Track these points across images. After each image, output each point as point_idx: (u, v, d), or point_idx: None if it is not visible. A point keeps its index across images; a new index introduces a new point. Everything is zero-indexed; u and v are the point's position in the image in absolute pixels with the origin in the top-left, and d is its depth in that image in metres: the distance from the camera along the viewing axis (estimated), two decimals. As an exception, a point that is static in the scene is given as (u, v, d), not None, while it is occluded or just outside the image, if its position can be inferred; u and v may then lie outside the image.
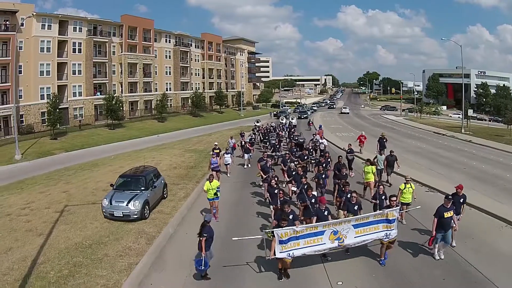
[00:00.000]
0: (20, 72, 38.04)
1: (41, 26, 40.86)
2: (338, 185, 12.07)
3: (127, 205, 12.04)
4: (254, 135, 29.85)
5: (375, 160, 15.67)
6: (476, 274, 8.47)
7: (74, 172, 21.84)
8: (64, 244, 10.29)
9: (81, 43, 45.69)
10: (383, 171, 16.18)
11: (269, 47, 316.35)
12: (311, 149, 19.57)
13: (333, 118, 59.78)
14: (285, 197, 10.65)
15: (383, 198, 10.36)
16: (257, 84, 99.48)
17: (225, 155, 19.03)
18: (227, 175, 18.76)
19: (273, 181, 11.97)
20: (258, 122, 35.95)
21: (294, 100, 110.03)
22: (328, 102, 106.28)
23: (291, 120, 39.72)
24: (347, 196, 10.11)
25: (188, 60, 65.44)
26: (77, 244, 10.29)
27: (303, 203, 10.74)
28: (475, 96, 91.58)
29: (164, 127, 49.80)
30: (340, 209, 10.47)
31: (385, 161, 16.06)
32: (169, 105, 58.35)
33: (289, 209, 8.99)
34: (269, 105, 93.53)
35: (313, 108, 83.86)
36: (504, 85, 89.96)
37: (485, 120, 69.41)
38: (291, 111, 74.87)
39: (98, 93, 47.74)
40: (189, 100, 63.70)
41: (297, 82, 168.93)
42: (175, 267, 9.27)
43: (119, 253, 9.77)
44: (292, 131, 30.13)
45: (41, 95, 40.49)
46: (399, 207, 9.47)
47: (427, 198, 13.85)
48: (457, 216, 9.40)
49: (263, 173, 14.63)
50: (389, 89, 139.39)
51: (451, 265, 8.92)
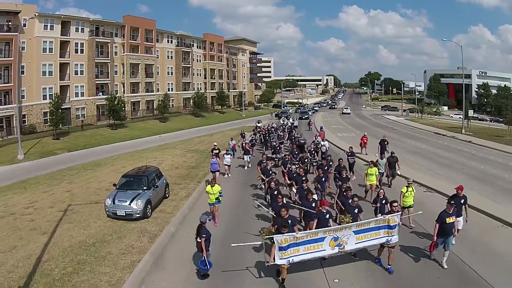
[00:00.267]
0: (22, 73, 38.12)
1: (44, 26, 40.88)
2: (340, 189, 11.88)
3: (129, 204, 12.25)
4: (255, 135, 29.88)
5: (377, 163, 15.51)
6: (471, 273, 8.60)
7: (77, 172, 21.97)
8: (68, 242, 10.49)
9: (83, 43, 45.77)
10: (384, 173, 15.98)
11: (271, 47, 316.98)
12: (312, 151, 19.43)
13: (334, 119, 59.78)
14: (283, 200, 10.37)
15: (384, 202, 10.31)
16: (259, 84, 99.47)
17: (225, 155, 18.97)
18: (227, 175, 18.83)
19: (272, 183, 11.85)
20: (259, 122, 35.71)
21: (295, 100, 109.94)
22: (330, 102, 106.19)
23: (292, 121, 39.27)
24: (349, 202, 10.00)
25: (190, 61, 65.53)
26: (80, 242, 10.48)
27: (303, 208, 10.49)
28: (476, 96, 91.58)
29: (166, 127, 49.86)
30: (341, 214, 10.30)
31: (387, 162, 15.99)
32: (171, 106, 58.29)
33: (288, 214, 8.84)
34: (270, 105, 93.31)
35: (314, 108, 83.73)
36: (505, 85, 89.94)
37: (486, 120, 69.25)
38: (293, 111, 74.77)
39: (100, 94, 47.86)
40: (191, 100, 63.81)
41: (299, 82, 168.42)
42: (177, 265, 9.49)
43: (122, 251, 9.98)
44: (293, 132, 29.72)
45: (43, 95, 40.54)
46: (400, 212, 9.26)
47: (425, 199, 14.03)
48: (459, 219, 9.16)
49: (263, 175, 14.53)
50: (390, 89, 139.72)
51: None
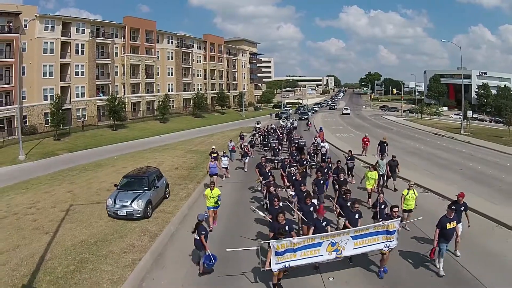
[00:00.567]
0: (23, 73, 38.27)
1: (44, 27, 41.04)
2: (338, 192, 11.78)
3: (130, 204, 12.45)
4: (254, 136, 29.92)
5: (376, 165, 15.47)
6: (464, 273, 8.74)
7: (78, 173, 22.12)
8: (71, 241, 10.70)
9: (84, 44, 45.97)
10: (385, 176, 15.81)
11: (271, 47, 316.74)
12: (312, 153, 19.28)
13: (334, 119, 59.88)
14: (280, 204, 10.22)
15: (383, 206, 10.25)
16: (259, 84, 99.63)
17: (222, 158, 18.76)
18: (225, 177, 18.71)
19: (271, 187, 11.78)
20: (258, 124, 35.69)
21: (295, 101, 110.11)
22: (329, 102, 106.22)
23: (291, 122, 39.07)
24: (348, 205, 9.89)
25: (190, 61, 65.73)
26: (83, 241, 10.69)
27: (302, 212, 10.38)
28: (476, 96, 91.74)
29: (166, 127, 50.03)
30: (340, 216, 10.19)
31: (387, 166, 15.72)
32: (171, 106, 58.48)
33: (285, 220, 8.70)
34: (270, 106, 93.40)
35: (314, 109, 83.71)
36: (505, 85, 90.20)
37: (485, 120, 69.36)
38: (292, 111, 74.89)
39: (101, 94, 48.04)
40: (191, 101, 64.00)
41: (299, 83, 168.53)
42: (176, 263, 9.73)
43: (123, 250, 10.20)
44: (292, 133, 29.58)
45: (44, 96, 40.70)
46: (400, 218, 9.07)
47: (421, 199, 14.10)
48: (459, 225, 9.12)
49: (261, 178, 14.48)
50: (390, 89, 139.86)
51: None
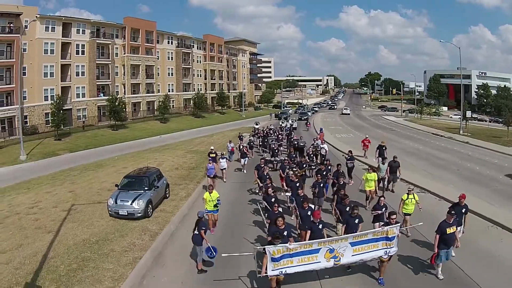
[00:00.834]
0: (24, 74, 38.37)
1: (45, 28, 41.17)
2: (337, 196, 11.65)
3: (131, 204, 12.64)
4: (253, 137, 29.95)
5: (377, 169, 15.39)
6: (459, 273, 8.88)
7: (79, 173, 22.28)
8: (73, 240, 10.89)
9: (84, 45, 46.14)
10: (386, 178, 15.76)
11: (272, 47, 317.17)
12: (311, 154, 19.15)
13: (333, 119, 60.06)
14: (280, 209, 9.95)
15: (384, 210, 10.11)
16: (259, 85, 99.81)
17: (220, 159, 18.40)
18: (223, 180, 18.43)
19: (269, 190, 11.64)
20: (257, 124, 35.56)
21: (295, 101, 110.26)
22: (329, 102, 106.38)
23: (291, 122, 38.93)
24: (347, 210, 9.77)
25: (190, 62, 65.89)
26: (84, 240, 10.89)
27: (300, 216, 10.30)
28: (476, 97, 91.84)
29: (167, 128, 50.21)
30: (339, 222, 10.07)
31: (388, 167, 15.57)
32: (171, 106, 58.65)
33: (284, 225, 8.54)
34: (270, 106, 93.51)
35: (314, 109, 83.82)
36: (505, 86, 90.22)
37: (485, 121, 69.43)
38: (292, 112, 74.99)
39: (101, 94, 48.18)
40: (191, 101, 64.18)
41: (299, 83, 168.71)
42: (176, 261, 9.95)
43: (124, 248, 10.40)
44: (292, 134, 29.41)
45: (45, 96, 40.84)
46: (399, 224, 8.88)
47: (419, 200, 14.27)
48: (459, 228, 8.99)
49: (259, 181, 14.33)
50: (390, 89, 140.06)
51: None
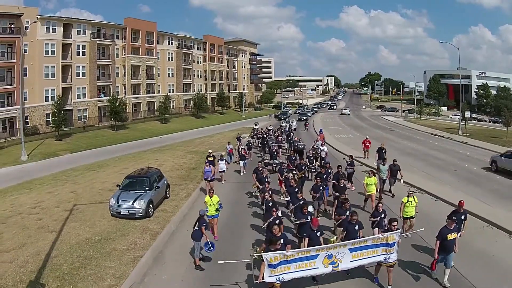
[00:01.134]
0: (25, 75, 38.42)
1: (46, 29, 41.35)
2: (337, 200, 11.45)
3: (132, 204, 12.85)
4: (252, 138, 29.90)
5: (378, 172, 15.40)
6: (453, 272, 8.91)
7: (80, 173, 22.40)
8: (75, 239, 11.10)
9: (85, 45, 46.33)
10: (386, 180, 15.66)
11: (272, 47, 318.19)
12: (311, 157, 19.00)
13: (333, 120, 60.17)
14: (278, 213, 9.85)
15: (383, 216, 9.94)
16: (259, 85, 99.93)
17: (219, 162, 18.34)
18: (221, 182, 18.33)
19: (267, 194, 11.56)
20: (256, 125, 35.37)
21: (296, 101, 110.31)
22: (329, 103, 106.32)
23: (291, 123, 38.47)
24: (347, 214, 9.64)
25: (191, 62, 66.05)
26: (87, 239, 11.09)
27: (298, 221, 10.05)
28: (475, 97, 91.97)
29: (167, 128, 50.32)
30: (338, 226, 9.93)
31: (389, 170, 15.55)
32: (171, 107, 58.81)
33: (280, 232, 8.28)
34: (270, 106, 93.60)
35: (314, 109, 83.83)
36: (504, 86, 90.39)
37: (485, 121, 69.49)
38: (292, 112, 75.01)
39: (102, 95, 48.37)
40: (191, 101, 64.36)
41: (299, 83, 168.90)
42: (176, 260, 10.18)
43: (125, 247, 10.62)
44: (291, 135, 29.11)
45: (45, 97, 41.01)
46: (399, 230, 8.75)
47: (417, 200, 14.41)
48: (458, 234, 8.94)
49: (258, 183, 14.26)
50: (390, 90, 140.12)
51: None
